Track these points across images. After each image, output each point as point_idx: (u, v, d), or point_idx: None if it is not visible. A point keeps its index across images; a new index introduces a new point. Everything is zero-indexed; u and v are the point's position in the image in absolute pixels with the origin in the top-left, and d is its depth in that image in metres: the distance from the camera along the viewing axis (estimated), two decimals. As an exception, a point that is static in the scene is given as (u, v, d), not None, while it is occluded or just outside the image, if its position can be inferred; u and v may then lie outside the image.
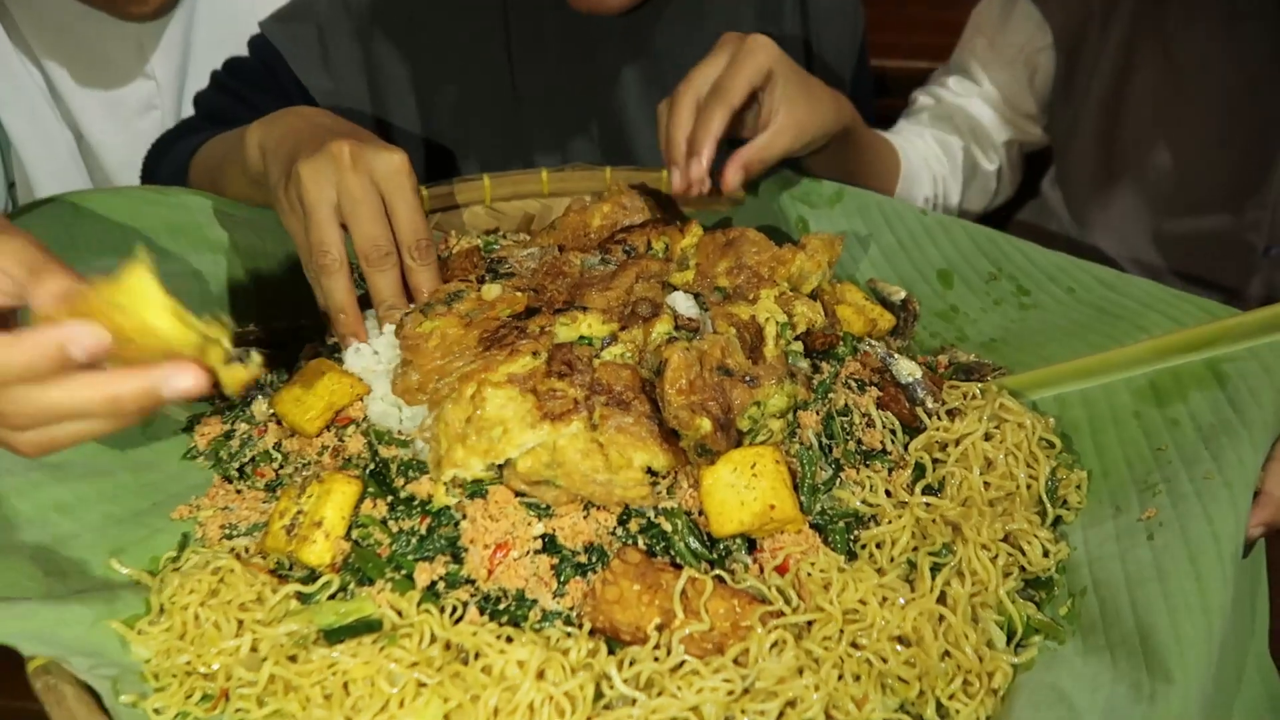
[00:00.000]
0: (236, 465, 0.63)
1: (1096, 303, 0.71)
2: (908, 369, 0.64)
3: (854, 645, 0.50)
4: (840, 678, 0.48)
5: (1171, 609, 0.48)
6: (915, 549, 0.54)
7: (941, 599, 0.51)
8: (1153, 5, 0.99)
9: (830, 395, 0.61)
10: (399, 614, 0.51)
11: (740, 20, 0.99)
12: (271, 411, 0.65)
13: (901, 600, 0.50)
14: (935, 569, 0.52)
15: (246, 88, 0.97)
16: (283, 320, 0.76)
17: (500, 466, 0.55)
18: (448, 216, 0.92)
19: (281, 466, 0.62)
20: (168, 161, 0.92)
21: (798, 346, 0.65)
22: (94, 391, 0.45)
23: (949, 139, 1.08)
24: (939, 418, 0.61)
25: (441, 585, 0.52)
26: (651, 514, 0.55)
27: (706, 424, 0.53)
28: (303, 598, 0.53)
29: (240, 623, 0.50)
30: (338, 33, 0.98)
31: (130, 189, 0.80)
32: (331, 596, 0.52)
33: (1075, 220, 1.14)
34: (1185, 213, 1.04)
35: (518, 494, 0.55)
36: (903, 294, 0.77)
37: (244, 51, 1.01)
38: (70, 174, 1.06)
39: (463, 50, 0.99)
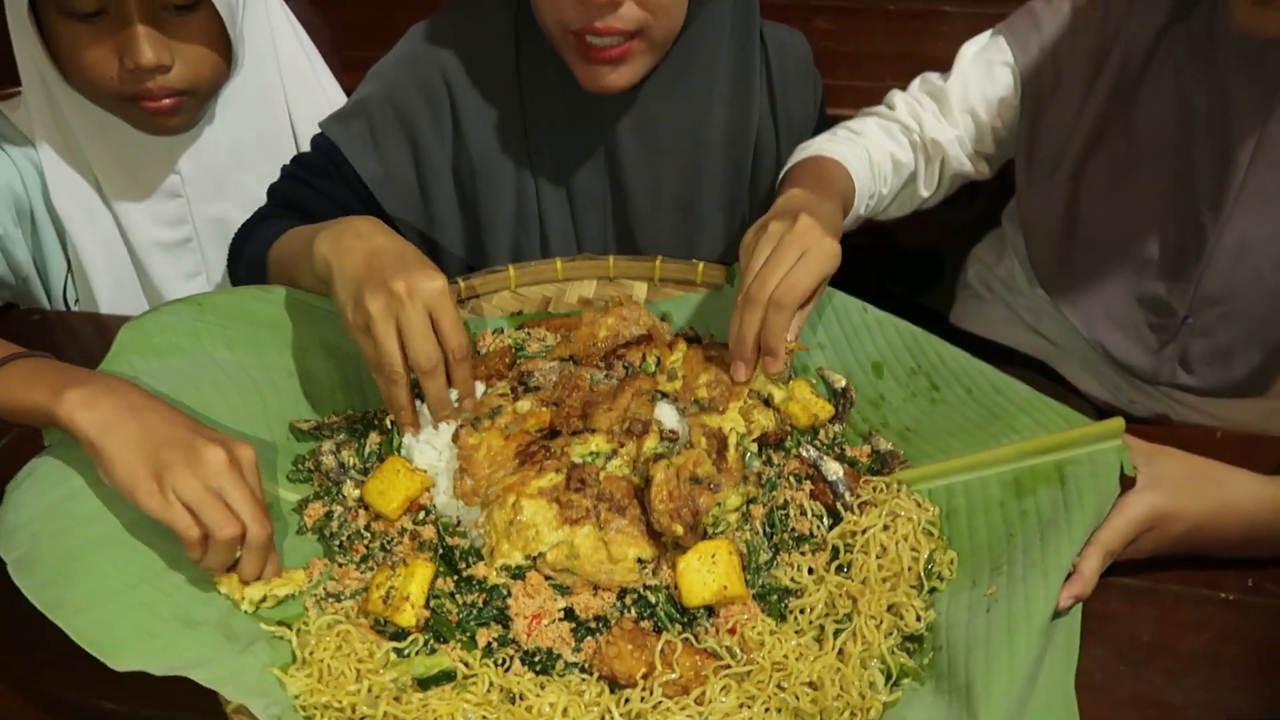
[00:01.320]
0: (337, 542, 0.85)
1: (987, 403, 0.92)
2: (833, 469, 0.85)
3: (779, 688, 0.72)
4: (767, 710, 0.71)
5: (988, 667, 0.70)
6: (826, 615, 0.77)
7: (840, 654, 0.74)
8: (1126, 91, 1.13)
9: (774, 492, 0.84)
10: (467, 666, 0.74)
11: (714, 85, 1.17)
12: (359, 497, 0.87)
13: (812, 656, 0.73)
14: (837, 632, 0.75)
15: (313, 177, 1.16)
16: (357, 408, 0.98)
17: (534, 557, 0.77)
18: (480, 302, 1.13)
19: (370, 543, 0.85)
20: (250, 247, 1.10)
21: (753, 448, 0.87)
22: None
23: (904, 161, 1.22)
24: (854, 511, 0.83)
25: (495, 644, 0.75)
26: (641, 590, 0.77)
27: (680, 529, 0.76)
28: (398, 652, 0.76)
29: (359, 671, 0.73)
30: (386, 124, 1.17)
31: (242, 290, 0.99)
32: (417, 651, 0.76)
33: (1031, 260, 1.30)
34: (1126, 275, 1.20)
35: (547, 577, 0.77)
36: (843, 382, 0.98)
37: (257, 151, 1.22)
38: (115, 255, 1.25)
39: (488, 136, 1.19)
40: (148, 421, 0.74)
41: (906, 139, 1.23)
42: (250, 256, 1.10)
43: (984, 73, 1.21)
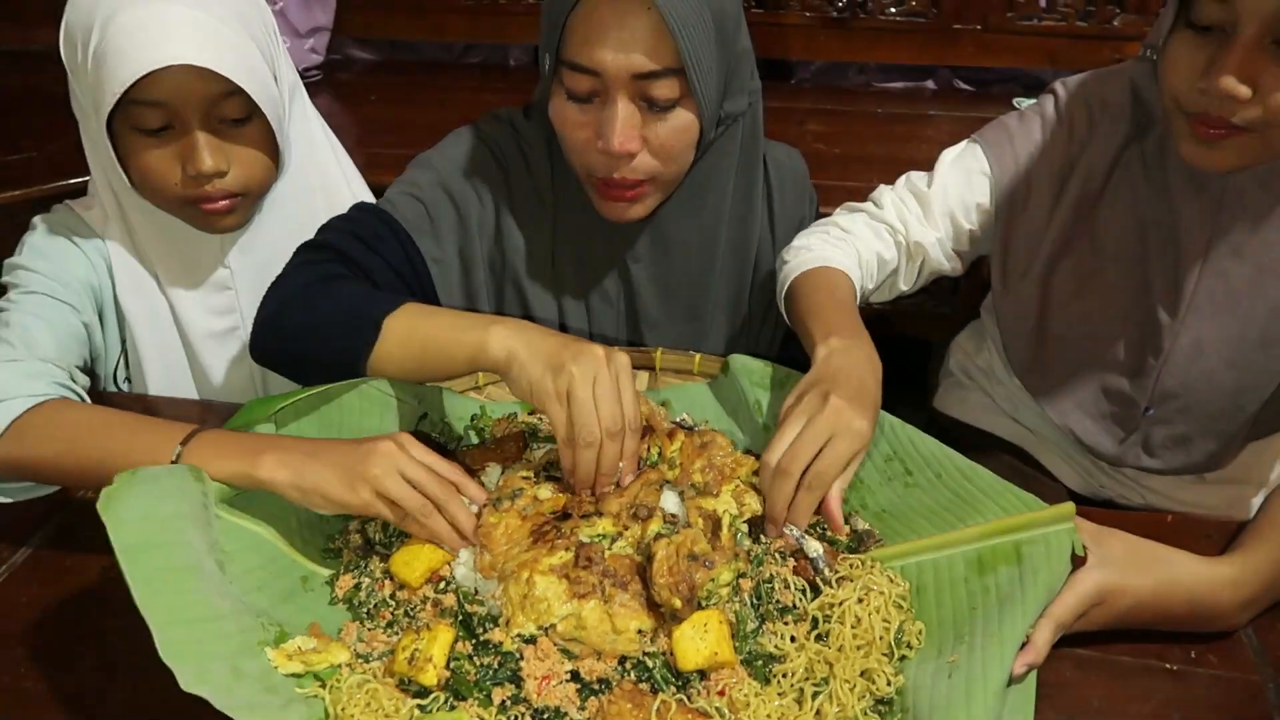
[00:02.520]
0: (365, 610, 0.94)
1: (954, 488, 1.01)
2: (813, 547, 0.95)
3: (762, 744, 0.81)
4: (752, 765, 0.79)
5: (948, 729, 0.79)
6: (806, 679, 0.85)
7: (817, 715, 0.82)
8: (1089, 204, 1.24)
9: (761, 568, 0.93)
10: (483, 721, 0.82)
11: (723, 202, 1.29)
12: (385, 569, 0.96)
13: (792, 717, 0.81)
14: (815, 695, 0.83)
15: (375, 240, 1.18)
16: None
17: (546, 628, 0.86)
18: (494, 388, 1.24)
19: (395, 610, 0.94)
20: (329, 299, 1.08)
21: (744, 528, 0.97)
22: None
23: (888, 259, 1.32)
24: (832, 585, 0.92)
25: (508, 702, 0.83)
26: (640, 655, 0.86)
27: (677, 601, 0.85)
28: (421, 708, 0.84)
29: (386, 726, 0.82)
30: (440, 211, 1.26)
31: (357, 382, 1.06)
32: (439, 708, 0.84)
33: (1006, 353, 1.40)
34: (1093, 371, 1.30)
35: (556, 644, 0.86)
36: (826, 467, 1.08)
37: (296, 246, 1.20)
38: (169, 342, 1.38)
39: (522, 234, 1.30)
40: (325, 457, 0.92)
41: (892, 239, 1.33)
42: (342, 312, 1.07)
43: (963, 179, 1.32)
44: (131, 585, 0.78)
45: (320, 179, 1.40)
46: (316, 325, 1.06)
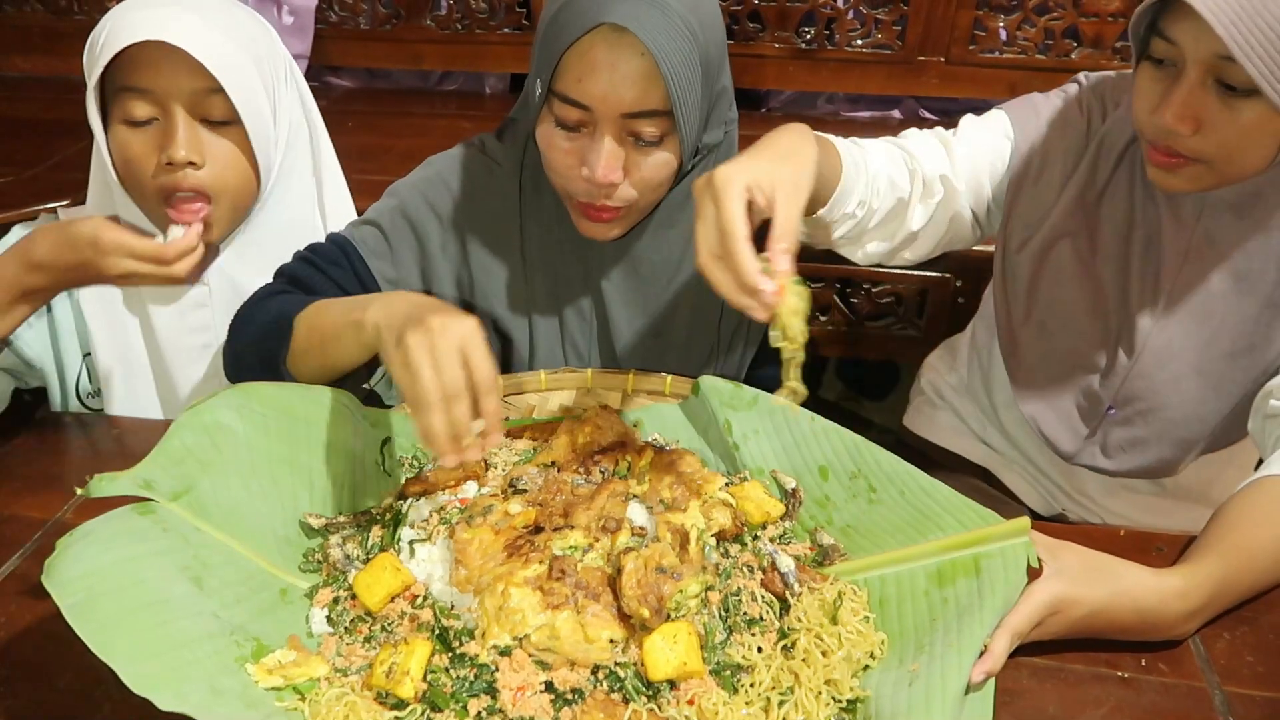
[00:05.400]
0: (343, 625, 0.96)
1: (917, 504, 1.04)
2: (785, 562, 0.98)
3: (729, 751, 0.83)
4: (720, 771, 0.82)
5: (908, 734, 0.82)
6: (772, 689, 0.88)
7: (783, 723, 0.85)
8: (1095, 193, 1.26)
9: (729, 580, 0.96)
10: (460, 733, 0.85)
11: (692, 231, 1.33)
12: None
13: (758, 725, 0.85)
14: (782, 704, 0.86)
15: (325, 264, 1.27)
16: (365, 507, 1.10)
17: (521, 638, 0.89)
18: (472, 409, 1.26)
19: (372, 625, 0.96)
20: (262, 312, 1.17)
21: (712, 541, 1.00)
22: None
23: (899, 182, 1.23)
24: (800, 598, 0.95)
25: (484, 713, 0.86)
26: (612, 665, 0.89)
27: (646, 612, 0.88)
28: (399, 720, 0.86)
29: (364, 738, 0.84)
30: (399, 235, 1.31)
31: (286, 385, 1.08)
32: (417, 720, 0.86)
33: (998, 327, 1.41)
34: (1066, 362, 1.33)
35: (531, 655, 0.89)
36: (793, 483, 1.11)
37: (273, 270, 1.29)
38: (137, 357, 1.40)
39: (490, 254, 1.34)
40: None
41: (906, 166, 1.27)
42: (262, 323, 1.16)
43: (987, 138, 1.32)
44: (85, 639, 0.79)
45: (301, 229, 1.41)
46: (252, 336, 1.15)
